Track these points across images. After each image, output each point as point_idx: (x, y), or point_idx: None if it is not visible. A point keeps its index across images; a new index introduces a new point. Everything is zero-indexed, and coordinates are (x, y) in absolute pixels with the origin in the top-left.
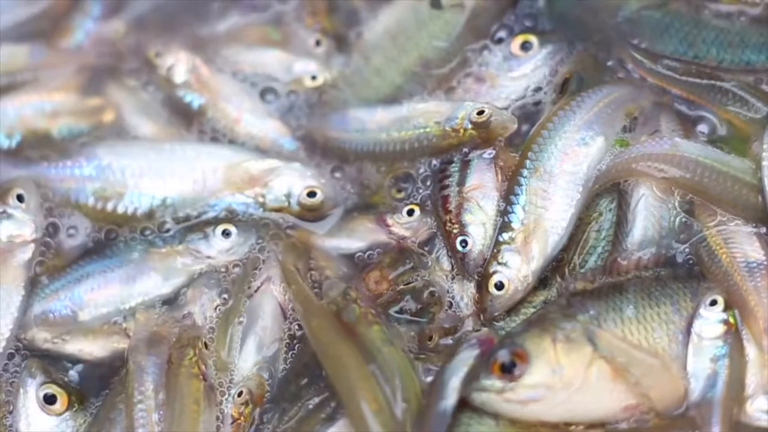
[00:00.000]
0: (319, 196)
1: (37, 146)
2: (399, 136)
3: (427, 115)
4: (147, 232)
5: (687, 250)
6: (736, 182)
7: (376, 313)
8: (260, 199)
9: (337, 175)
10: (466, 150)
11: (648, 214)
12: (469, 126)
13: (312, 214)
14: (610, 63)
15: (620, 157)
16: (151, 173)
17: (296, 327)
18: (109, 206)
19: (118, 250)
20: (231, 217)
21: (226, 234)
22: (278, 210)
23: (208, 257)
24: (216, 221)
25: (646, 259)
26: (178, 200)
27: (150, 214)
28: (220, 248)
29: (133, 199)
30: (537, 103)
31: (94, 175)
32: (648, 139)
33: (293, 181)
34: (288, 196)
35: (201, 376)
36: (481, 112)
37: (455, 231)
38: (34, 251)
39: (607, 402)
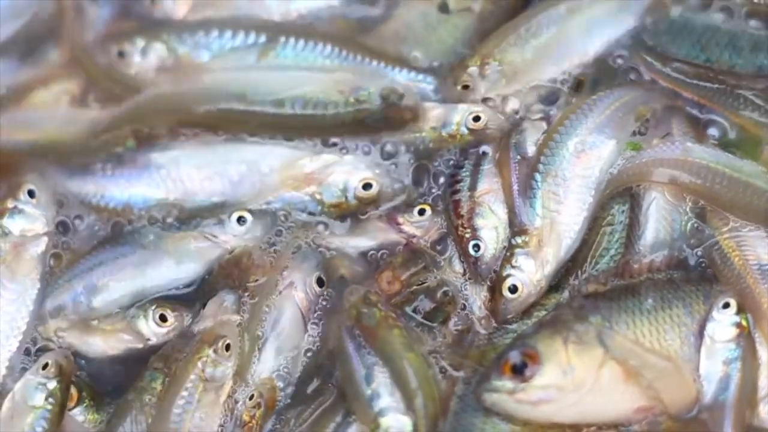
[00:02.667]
0: (375, 187)
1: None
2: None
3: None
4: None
5: (699, 252)
6: (747, 188)
7: (397, 316)
8: (317, 197)
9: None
10: (475, 150)
11: (660, 217)
12: (466, 132)
13: (370, 206)
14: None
15: (631, 162)
16: (209, 175)
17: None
18: (173, 213)
19: (131, 238)
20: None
21: (241, 220)
22: (337, 206)
23: (224, 241)
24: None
25: (659, 261)
26: (238, 201)
27: (213, 212)
28: (236, 233)
29: (193, 203)
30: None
31: (154, 184)
32: (659, 143)
33: (347, 175)
34: (344, 190)
35: (204, 377)
36: (477, 118)
37: (467, 235)
38: (47, 244)
39: (618, 403)
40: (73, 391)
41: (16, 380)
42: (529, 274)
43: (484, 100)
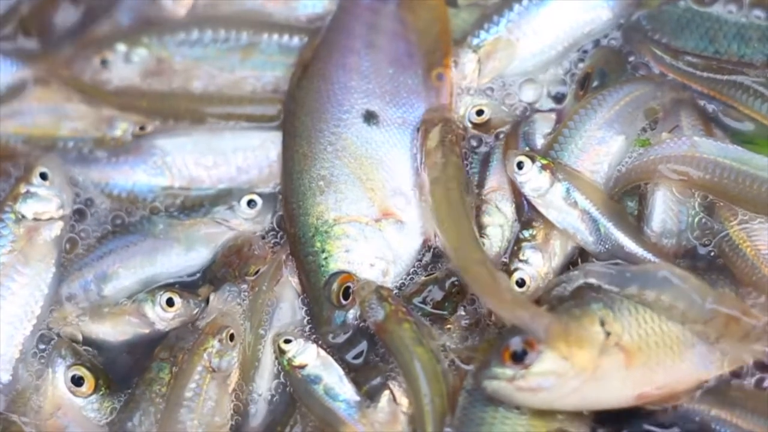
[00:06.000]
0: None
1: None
2: None
3: None
4: (172, 210)
5: (707, 242)
6: (755, 180)
7: (407, 310)
8: None
9: None
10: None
11: (666, 207)
12: (469, 125)
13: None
14: (631, 59)
15: (639, 159)
16: (215, 162)
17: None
18: (178, 201)
19: (141, 226)
20: None
21: (251, 204)
22: None
23: (236, 224)
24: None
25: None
26: (244, 188)
27: (219, 200)
28: (246, 216)
29: (199, 191)
30: (559, 100)
31: (159, 171)
32: (666, 139)
33: None
34: None
35: (210, 368)
36: (480, 112)
37: None
38: (62, 228)
39: (620, 390)
40: (91, 378)
41: (29, 366)
42: (536, 267)
43: (487, 92)
